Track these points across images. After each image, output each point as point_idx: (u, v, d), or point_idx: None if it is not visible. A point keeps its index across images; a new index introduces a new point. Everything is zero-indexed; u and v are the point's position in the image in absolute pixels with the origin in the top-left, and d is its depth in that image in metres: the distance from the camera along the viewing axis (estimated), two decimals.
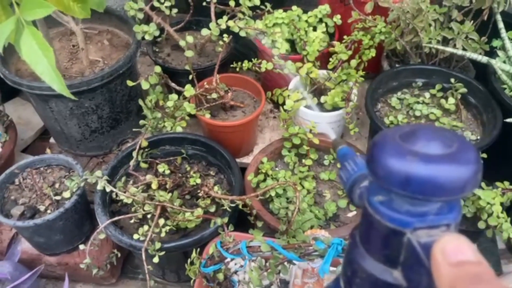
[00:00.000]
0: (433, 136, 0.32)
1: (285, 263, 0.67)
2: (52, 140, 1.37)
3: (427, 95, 1.19)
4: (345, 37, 1.22)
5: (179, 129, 1.19)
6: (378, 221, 0.34)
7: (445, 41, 1.17)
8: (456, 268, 0.28)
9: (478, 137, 1.10)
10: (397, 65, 1.25)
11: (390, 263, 0.34)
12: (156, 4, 1.21)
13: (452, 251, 0.28)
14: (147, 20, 1.26)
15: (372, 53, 1.17)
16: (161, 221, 0.98)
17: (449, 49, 1.13)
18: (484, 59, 1.12)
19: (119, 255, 1.06)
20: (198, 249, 0.88)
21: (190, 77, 1.20)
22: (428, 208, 0.32)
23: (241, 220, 1.05)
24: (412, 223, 0.32)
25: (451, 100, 1.15)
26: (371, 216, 0.34)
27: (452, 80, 1.15)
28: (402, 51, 1.22)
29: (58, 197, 1.07)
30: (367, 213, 0.35)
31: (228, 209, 0.98)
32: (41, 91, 1.09)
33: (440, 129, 0.33)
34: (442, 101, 1.16)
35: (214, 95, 1.20)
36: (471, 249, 0.29)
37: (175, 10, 1.25)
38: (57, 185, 1.11)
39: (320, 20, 1.34)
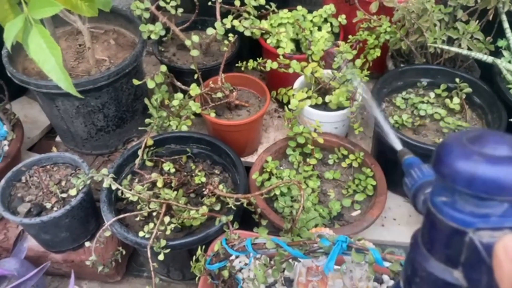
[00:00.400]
0: (500, 140, 0.33)
1: (290, 260, 0.67)
2: (58, 138, 1.38)
3: (432, 95, 1.19)
4: (350, 36, 1.22)
5: (184, 128, 1.20)
6: (441, 221, 0.35)
7: (450, 41, 1.17)
8: None
9: None
10: (402, 65, 1.25)
11: (451, 263, 0.35)
12: (162, 3, 1.22)
13: None
14: (153, 19, 1.27)
15: (377, 52, 1.17)
16: (167, 219, 0.99)
17: (454, 49, 1.13)
18: (489, 59, 1.12)
19: (124, 252, 1.06)
20: (204, 247, 0.88)
21: (196, 76, 1.20)
22: (491, 210, 0.33)
23: (245, 219, 1.05)
24: (474, 223, 0.33)
25: (456, 100, 1.15)
26: (434, 216, 0.35)
27: (457, 80, 1.15)
28: (407, 51, 1.22)
29: (64, 195, 1.08)
30: (430, 213, 0.36)
31: (233, 207, 0.99)
32: (48, 90, 1.10)
33: (507, 134, 0.34)
34: (447, 101, 1.16)
35: (219, 94, 1.21)
36: None
37: (180, 10, 1.26)
38: (63, 183, 1.12)
39: (325, 20, 1.34)
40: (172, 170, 1.15)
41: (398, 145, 0.60)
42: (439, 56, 1.21)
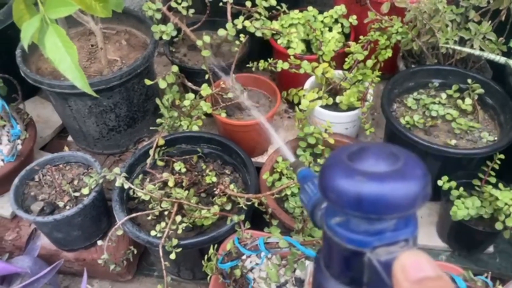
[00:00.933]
0: (380, 153, 0.32)
1: (303, 259, 0.67)
2: (70, 138, 1.40)
3: (443, 95, 1.18)
4: (361, 37, 1.22)
5: (195, 128, 1.20)
6: (338, 243, 0.34)
7: (462, 42, 1.16)
8: (417, 285, 0.28)
9: (496, 138, 1.09)
10: (413, 66, 1.24)
11: (355, 285, 0.34)
12: (173, 4, 1.23)
13: (411, 268, 0.29)
14: (164, 20, 1.28)
15: (389, 53, 1.17)
16: (178, 218, 1.00)
17: (466, 50, 1.12)
18: (501, 59, 1.11)
19: (135, 251, 1.07)
20: (215, 246, 0.89)
21: (207, 76, 1.21)
22: (384, 225, 0.32)
23: (256, 219, 1.06)
24: (370, 242, 0.32)
25: (468, 101, 1.14)
26: (330, 239, 0.34)
27: (469, 80, 1.15)
28: (418, 51, 1.22)
29: (76, 194, 1.09)
30: (327, 236, 0.35)
31: (244, 207, 0.99)
32: (61, 90, 1.11)
33: (387, 146, 0.34)
34: (459, 101, 1.15)
35: (230, 95, 1.21)
36: (430, 265, 0.29)
37: (192, 11, 1.27)
38: (75, 182, 1.13)
39: (336, 21, 1.34)
40: (183, 170, 1.16)
41: (290, 157, 0.59)
42: (451, 56, 1.21)
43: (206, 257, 0.86)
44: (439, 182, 1.02)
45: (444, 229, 1.11)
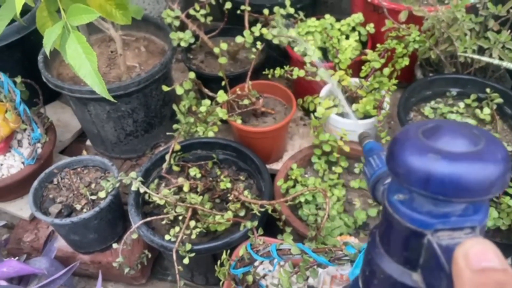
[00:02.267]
0: (458, 132, 0.30)
1: (315, 267, 0.67)
2: (88, 142, 1.42)
3: (461, 105, 1.17)
4: (378, 45, 1.22)
5: (211, 134, 1.21)
6: (398, 221, 0.32)
7: (481, 51, 1.15)
8: (480, 274, 0.26)
9: None
10: (430, 74, 1.23)
11: (410, 265, 0.33)
12: (192, 12, 1.25)
13: (476, 256, 0.26)
14: (182, 27, 1.30)
15: (406, 61, 1.16)
16: (192, 223, 1.00)
17: (485, 59, 1.11)
18: None
19: (149, 255, 1.08)
20: (228, 251, 0.89)
21: (223, 83, 1.22)
22: (451, 208, 0.30)
23: (269, 226, 1.06)
24: (433, 224, 0.30)
25: (487, 110, 1.13)
26: (390, 216, 0.33)
27: (488, 90, 1.13)
28: (436, 60, 1.21)
29: (93, 197, 1.11)
30: (387, 212, 0.33)
31: (257, 213, 0.99)
32: (81, 95, 1.14)
33: (467, 125, 0.31)
34: (477, 111, 1.14)
35: (246, 101, 1.22)
36: (497, 255, 0.26)
37: (210, 18, 1.29)
38: (93, 185, 1.15)
39: (353, 29, 1.34)
40: (198, 175, 1.17)
41: (357, 127, 0.57)
42: (469, 65, 1.20)
43: (219, 262, 0.87)
44: None
45: None
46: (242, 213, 1.06)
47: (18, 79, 1.15)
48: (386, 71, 1.18)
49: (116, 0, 0.85)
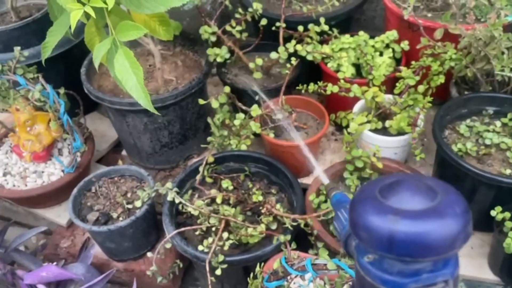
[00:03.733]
0: (414, 187, 0.30)
1: (350, 282, 0.68)
2: (124, 152, 1.47)
3: (498, 123, 1.15)
4: (413, 62, 1.22)
5: (243, 147, 1.23)
6: (370, 283, 0.31)
7: None
8: None
9: None
10: (466, 92, 1.22)
11: None
12: (228, 28, 1.28)
13: None
14: (218, 41, 1.33)
15: (441, 79, 1.16)
16: (225, 235, 1.02)
17: None
18: None
19: (181, 265, 1.10)
20: (260, 264, 0.90)
21: (257, 97, 1.24)
22: (421, 265, 0.29)
23: (299, 240, 1.06)
24: (405, 284, 0.30)
25: None
26: (363, 278, 0.32)
27: None
28: (472, 78, 1.20)
29: (129, 206, 1.14)
30: (359, 274, 0.32)
31: (289, 227, 1.00)
32: (121, 106, 1.18)
33: (422, 178, 0.31)
34: None
35: (279, 116, 1.24)
36: None
37: (245, 34, 1.32)
38: (129, 195, 1.18)
39: (387, 46, 1.35)
40: (230, 188, 1.18)
41: (324, 179, 0.56)
42: (507, 84, 1.18)
43: (252, 274, 0.88)
44: (492, 213, 0.99)
45: (497, 262, 1.07)
46: (274, 226, 1.07)
47: (62, 90, 1.21)
48: (421, 88, 1.18)
49: (159, 17, 0.88)
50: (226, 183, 1.19)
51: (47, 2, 0.93)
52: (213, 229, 1.05)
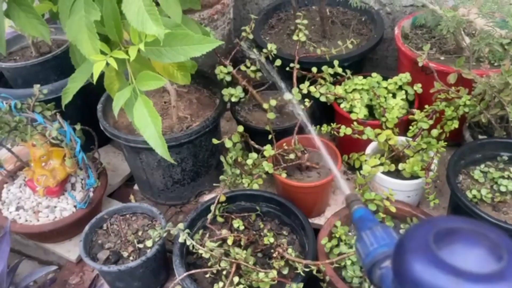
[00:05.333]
0: (476, 241, 0.26)
1: None
2: (136, 187, 1.47)
3: None
4: (426, 106, 1.22)
5: (255, 186, 1.23)
6: None
7: None
8: None
9: None
10: (480, 137, 1.22)
11: None
12: (243, 68, 1.30)
13: None
14: (232, 80, 1.35)
15: (455, 124, 1.16)
16: (236, 279, 1.01)
17: None
18: None
19: None
20: None
21: (270, 137, 1.25)
22: None
23: (309, 283, 1.04)
24: None
25: None
26: None
27: None
28: (486, 123, 1.20)
29: (140, 245, 1.13)
30: None
31: (301, 273, 0.99)
32: (135, 144, 1.19)
33: (483, 228, 0.27)
34: None
35: (292, 156, 1.24)
36: None
37: (259, 74, 1.33)
38: (140, 233, 1.18)
39: (400, 87, 1.36)
40: (241, 228, 1.18)
41: (345, 188, 0.50)
42: None
43: None
44: None
45: None
46: (285, 271, 1.05)
47: (78, 126, 1.22)
48: (435, 132, 1.18)
49: (178, 63, 0.90)
50: (237, 223, 1.18)
51: (70, 48, 0.96)
52: (224, 272, 1.04)
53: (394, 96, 1.34)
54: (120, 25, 0.78)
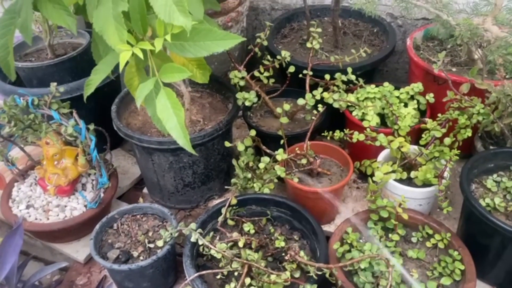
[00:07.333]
0: None
1: None
2: (145, 190, 1.47)
3: None
4: (439, 115, 1.23)
5: (266, 190, 1.23)
6: None
7: None
8: None
9: None
10: (492, 147, 1.22)
11: None
12: (256, 74, 1.32)
13: None
14: (245, 86, 1.36)
15: (468, 132, 1.16)
16: (247, 280, 1.00)
17: None
18: None
19: None
20: None
21: (282, 142, 1.25)
22: None
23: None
24: None
25: None
26: None
27: None
28: (498, 133, 1.20)
29: (151, 245, 1.13)
30: None
31: (314, 276, 0.98)
32: (148, 145, 1.20)
33: None
34: None
35: (304, 161, 1.24)
36: None
37: (272, 80, 1.35)
38: (150, 233, 1.17)
39: (411, 97, 1.37)
40: (252, 231, 1.17)
41: None
42: None
43: None
44: None
45: None
46: (297, 274, 1.05)
47: (91, 126, 1.23)
48: (447, 141, 1.18)
49: (197, 61, 0.91)
50: (247, 227, 1.18)
51: (92, 41, 0.97)
52: (235, 273, 1.03)
53: (405, 105, 1.35)
54: (146, 19, 0.80)
